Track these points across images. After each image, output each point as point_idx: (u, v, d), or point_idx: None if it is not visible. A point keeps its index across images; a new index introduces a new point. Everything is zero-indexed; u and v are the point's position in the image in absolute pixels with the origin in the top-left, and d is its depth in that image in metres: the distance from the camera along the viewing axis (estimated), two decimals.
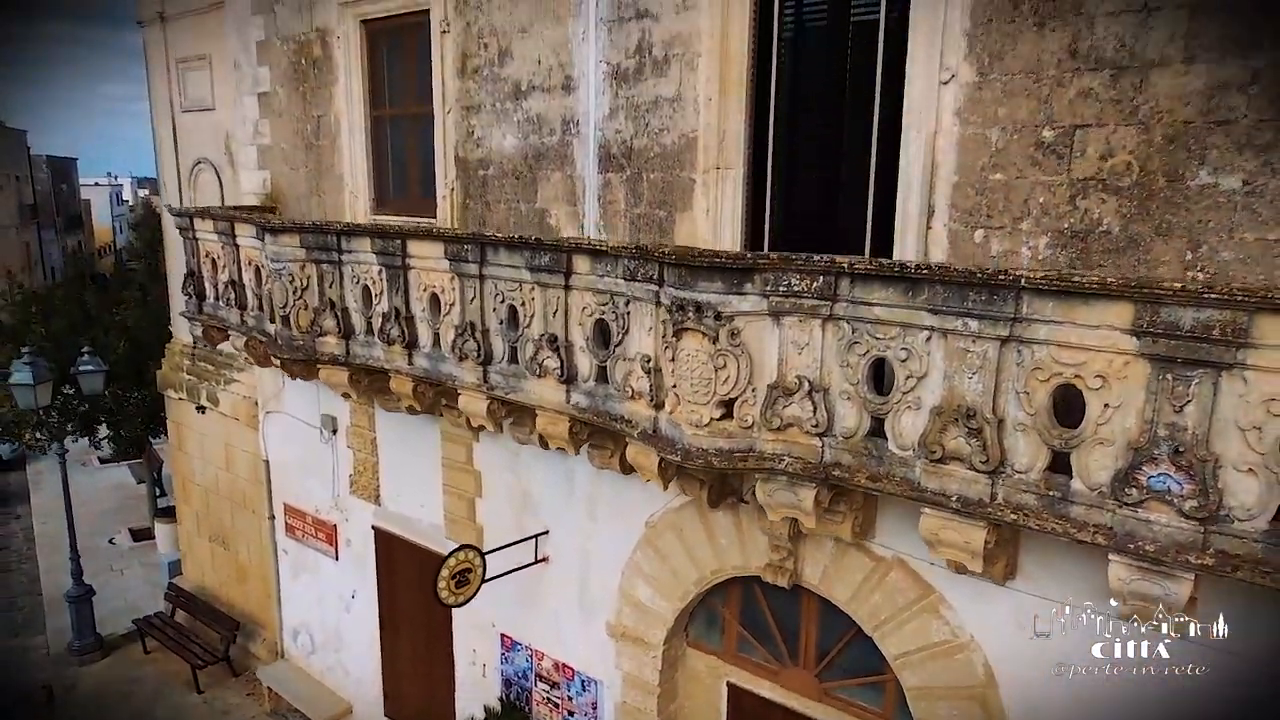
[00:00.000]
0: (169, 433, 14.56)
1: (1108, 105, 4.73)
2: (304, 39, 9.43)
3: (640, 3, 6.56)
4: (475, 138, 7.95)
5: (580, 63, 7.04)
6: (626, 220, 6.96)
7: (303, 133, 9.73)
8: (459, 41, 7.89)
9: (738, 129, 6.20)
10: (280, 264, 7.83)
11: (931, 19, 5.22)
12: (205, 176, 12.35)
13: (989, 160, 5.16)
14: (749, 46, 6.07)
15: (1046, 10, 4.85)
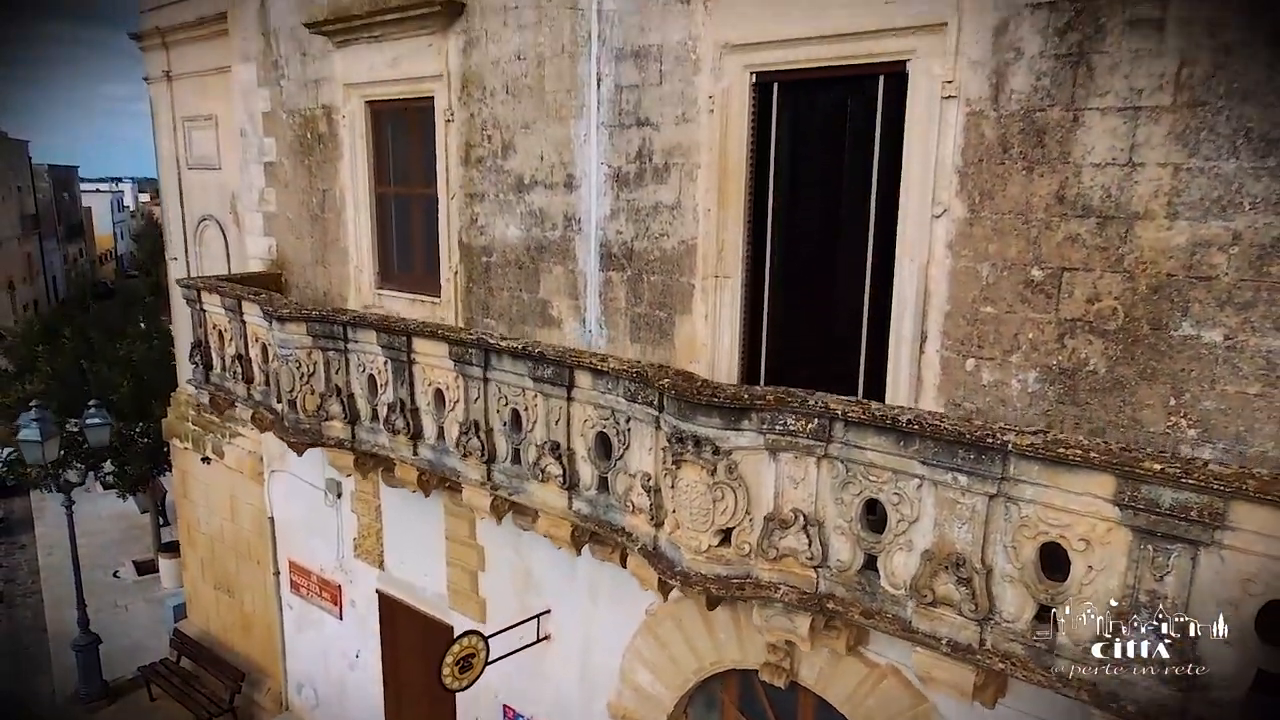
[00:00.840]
0: (174, 479, 14.72)
1: (1094, 251, 4.88)
2: (309, 114, 9.58)
3: (641, 111, 6.71)
4: (479, 225, 8.10)
5: (582, 163, 7.18)
6: (627, 318, 7.10)
7: (308, 204, 9.88)
8: (463, 131, 8.03)
9: (736, 240, 6.34)
10: (287, 350, 7.98)
11: (924, 152, 5.37)
12: (211, 232, 12.50)
13: (980, 293, 5.30)
14: (747, 161, 6.21)
15: (1035, 156, 4.99)
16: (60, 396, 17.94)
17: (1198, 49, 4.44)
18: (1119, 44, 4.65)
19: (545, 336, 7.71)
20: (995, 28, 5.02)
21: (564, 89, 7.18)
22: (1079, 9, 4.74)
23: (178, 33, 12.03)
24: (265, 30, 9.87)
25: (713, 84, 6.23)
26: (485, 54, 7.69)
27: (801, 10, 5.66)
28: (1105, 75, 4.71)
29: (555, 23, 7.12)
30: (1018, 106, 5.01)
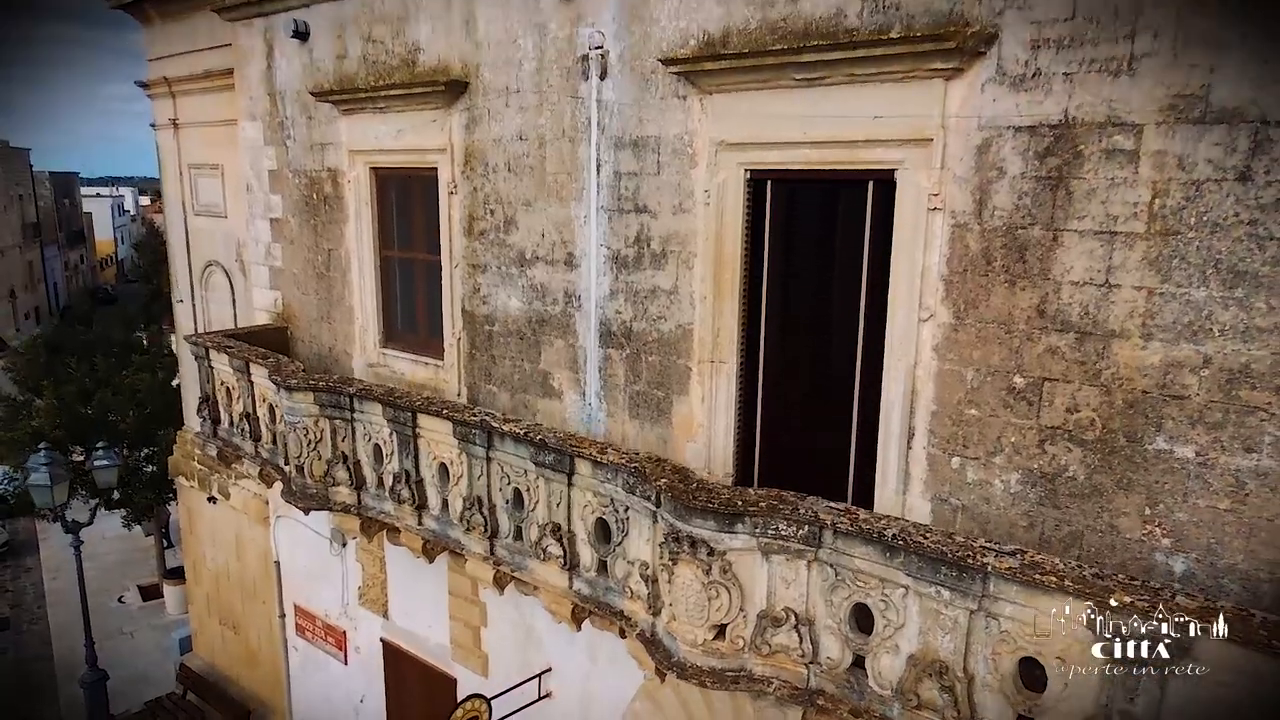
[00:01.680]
0: (180, 515, 14.93)
1: (1073, 364, 5.09)
2: (315, 175, 9.79)
3: (640, 199, 6.92)
4: (482, 294, 8.31)
5: (582, 243, 7.39)
6: (626, 395, 7.31)
7: (314, 262, 10.09)
8: (466, 204, 8.25)
9: (732, 327, 6.55)
10: (295, 417, 8.19)
11: (911, 258, 5.58)
12: (217, 278, 12.71)
13: (965, 396, 5.52)
14: (742, 252, 6.42)
15: (1017, 270, 5.21)
16: (67, 425, 18.15)
17: (1169, 182, 4.65)
18: (1096, 171, 4.86)
19: (546, 407, 7.93)
20: (979, 146, 5.23)
21: (565, 171, 7.39)
22: (1058, 135, 4.95)
23: (184, 83, 12.23)
24: (272, 91, 10.07)
25: (709, 178, 6.44)
26: (488, 131, 7.90)
27: (793, 117, 5.87)
28: (1083, 200, 4.92)
29: (556, 108, 7.33)
30: (1000, 222, 5.22)
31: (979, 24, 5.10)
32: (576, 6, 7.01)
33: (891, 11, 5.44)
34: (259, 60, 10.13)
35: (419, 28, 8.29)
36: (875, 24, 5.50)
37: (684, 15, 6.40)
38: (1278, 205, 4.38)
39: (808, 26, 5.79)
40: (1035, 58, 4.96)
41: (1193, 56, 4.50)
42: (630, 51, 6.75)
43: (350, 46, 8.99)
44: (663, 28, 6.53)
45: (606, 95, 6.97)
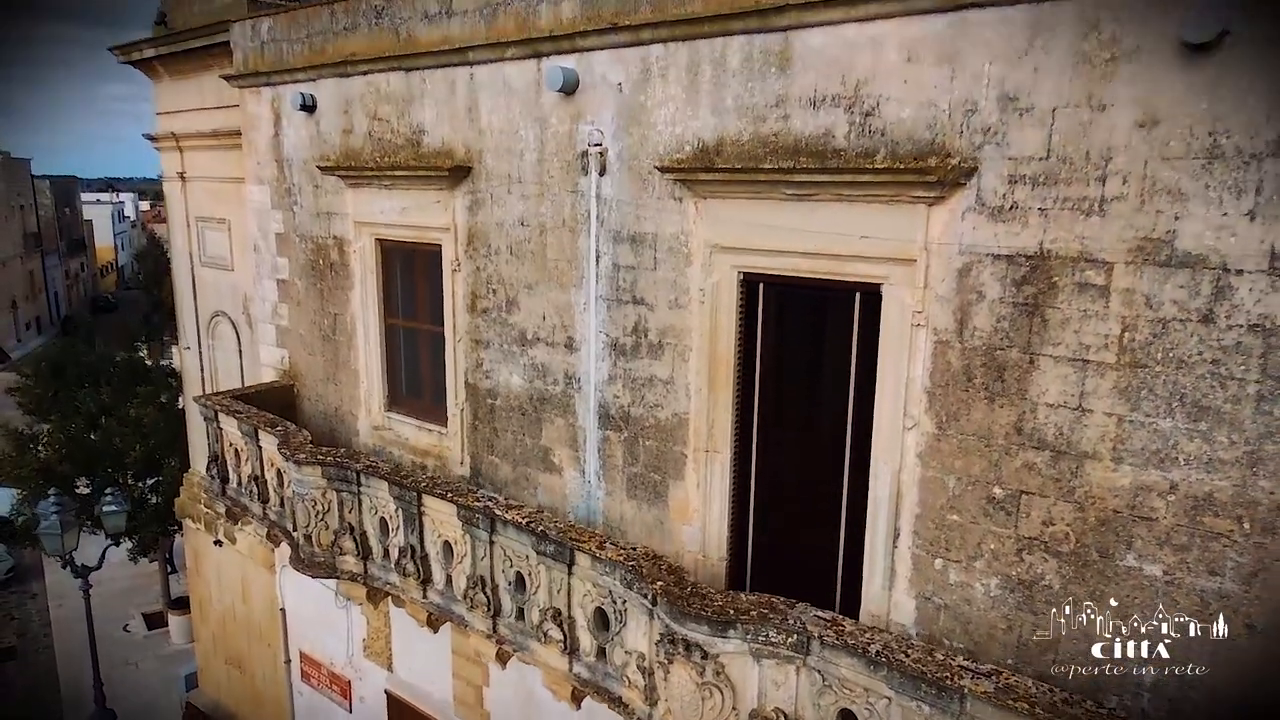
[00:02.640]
0: (186, 554, 15.18)
1: (1049, 481, 5.35)
2: (321, 242, 10.05)
3: (637, 291, 7.18)
4: (484, 369, 8.57)
5: (582, 328, 7.65)
6: (624, 475, 7.57)
7: (320, 325, 10.35)
8: (469, 282, 8.50)
9: (726, 419, 6.81)
10: (304, 489, 8.44)
11: (896, 369, 5.84)
12: (224, 327, 12.97)
13: (947, 502, 5.78)
14: (736, 349, 6.68)
15: (996, 388, 5.47)
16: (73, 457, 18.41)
17: (1138, 318, 4.92)
18: (1069, 303, 5.12)
19: (547, 481, 8.19)
20: (959, 270, 5.50)
21: (565, 259, 7.65)
22: (1034, 266, 5.22)
23: (192, 140, 12.49)
24: (279, 158, 10.33)
25: (703, 278, 6.71)
26: (490, 215, 8.16)
27: (784, 228, 6.13)
28: (1058, 328, 5.19)
29: (556, 198, 7.59)
30: (980, 342, 5.49)
31: (959, 156, 5.36)
32: (576, 104, 7.27)
33: (877, 136, 5.70)
34: (266, 127, 10.38)
35: (423, 111, 8.55)
36: (862, 147, 5.77)
37: (679, 122, 6.66)
38: (1238, 348, 4.64)
39: (797, 143, 6.06)
40: (1012, 191, 5.23)
41: (1159, 204, 4.77)
42: (628, 151, 7.01)
43: (356, 122, 9.25)
44: (659, 132, 6.79)
45: (605, 191, 7.23)
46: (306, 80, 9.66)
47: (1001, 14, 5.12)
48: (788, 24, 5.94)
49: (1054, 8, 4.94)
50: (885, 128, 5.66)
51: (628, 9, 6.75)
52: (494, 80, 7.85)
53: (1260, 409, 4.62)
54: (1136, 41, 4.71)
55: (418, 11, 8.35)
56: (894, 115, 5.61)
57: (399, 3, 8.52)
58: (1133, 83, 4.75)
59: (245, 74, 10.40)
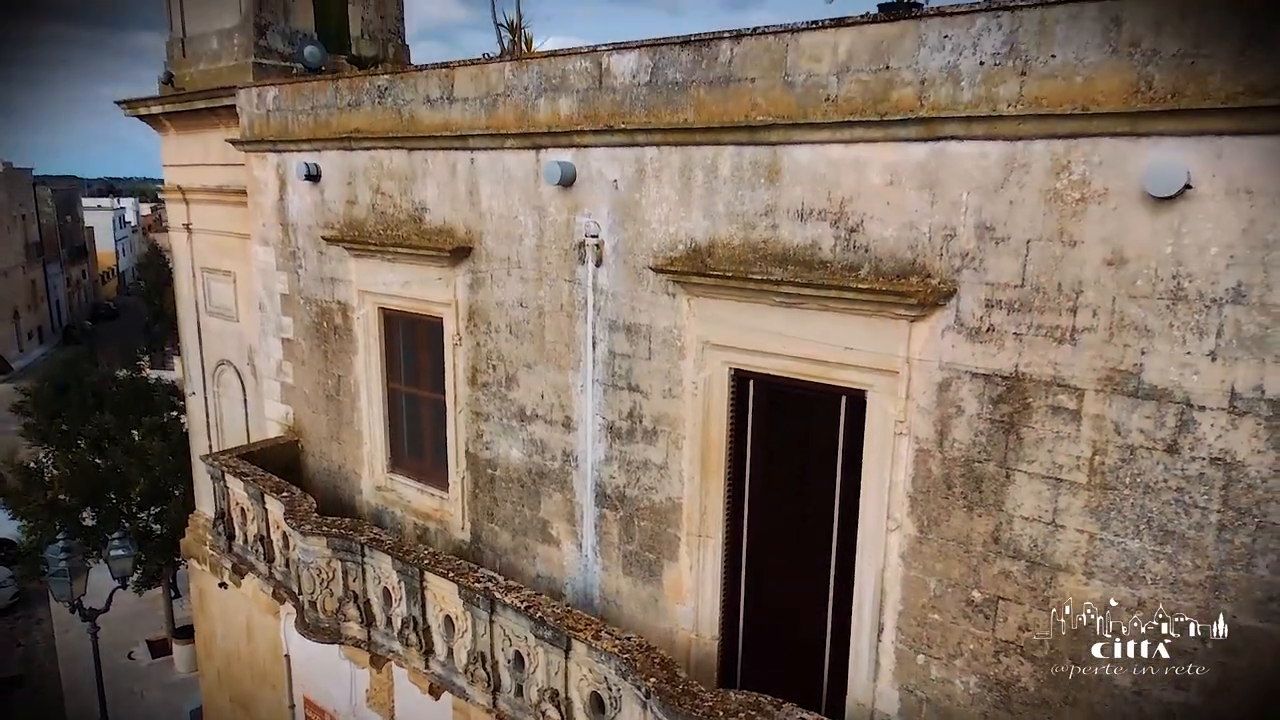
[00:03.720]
0: (191, 593, 15.42)
1: (1024, 589, 5.60)
2: (326, 305, 10.29)
3: (633, 379, 7.42)
4: (484, 440, 8.81)
5: (579, 409, 7.89)
6: (620, 552, 7.81)
7: (324, 385, 10.59)
8: (470, 356, 8.75)
9: (717, 506, 7.06)
10: (309, 558, 8.69)
11: (880, 472, 6.09)
12: (229, 376, 13.20)
13: (928, 601, 6.02)
14: (727, 440, 6.93)
15: (974, 498, 5.71)
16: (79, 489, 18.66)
17: (1108, 443, 5.16)
18: (1043, 424, 5.37)
19: (545, 552, 8.43)
20: (939, 385, 5.74)
21: (562, 342, 7.90)
22: (1010, 386, 5.46)
23: (198, 193, 12.72)
24: (284, 222, 10.57)
25: (695, 372, 6.95)
26: (490, 294, 8.40)
27: (773, 332, 6.38)
28: (1032, 446, 5.43)
29: (554, 284, 7.84)
30: (959, 454, 5.73)
31: (939, 277, 5.61)
32: (574, 196, 7.52)
33: (861, 251, 5.95)
34: (272, 191, 10.62)
35: (425, 189, 8.79)
36: (847, 260, 6.01)
37: (673, 222, 6.90)
38: (1201, 478, 4.88)
39: (786, 252, 6.30)
40: (989, 315, 5.47)
41: (1127, 338, 5.01)
42: (624, 245, 7.25)
43: (360, 194, 9.49)
44: (654, 229, 7.03)
45: (602, 281, 7.47)
46: (311, 150, 9.91)
47: (979, 148, 5.36)
48: (776, 140, 6.18)
49: (1027, 146, 5.19)
50: (869, 244, 5.90)
51: (623, 112, 6.99)
52: (494, 166, 8.09)
53: (1222, 537, 4.86)
54: (1105, 185, 4.96)
55: (420, 95, 8.59)
56: (877, 233, 5.85)
57: (402, 85, 8.76)
58: (1101, 223, 4.99)
59: (250, 140, 10.64)
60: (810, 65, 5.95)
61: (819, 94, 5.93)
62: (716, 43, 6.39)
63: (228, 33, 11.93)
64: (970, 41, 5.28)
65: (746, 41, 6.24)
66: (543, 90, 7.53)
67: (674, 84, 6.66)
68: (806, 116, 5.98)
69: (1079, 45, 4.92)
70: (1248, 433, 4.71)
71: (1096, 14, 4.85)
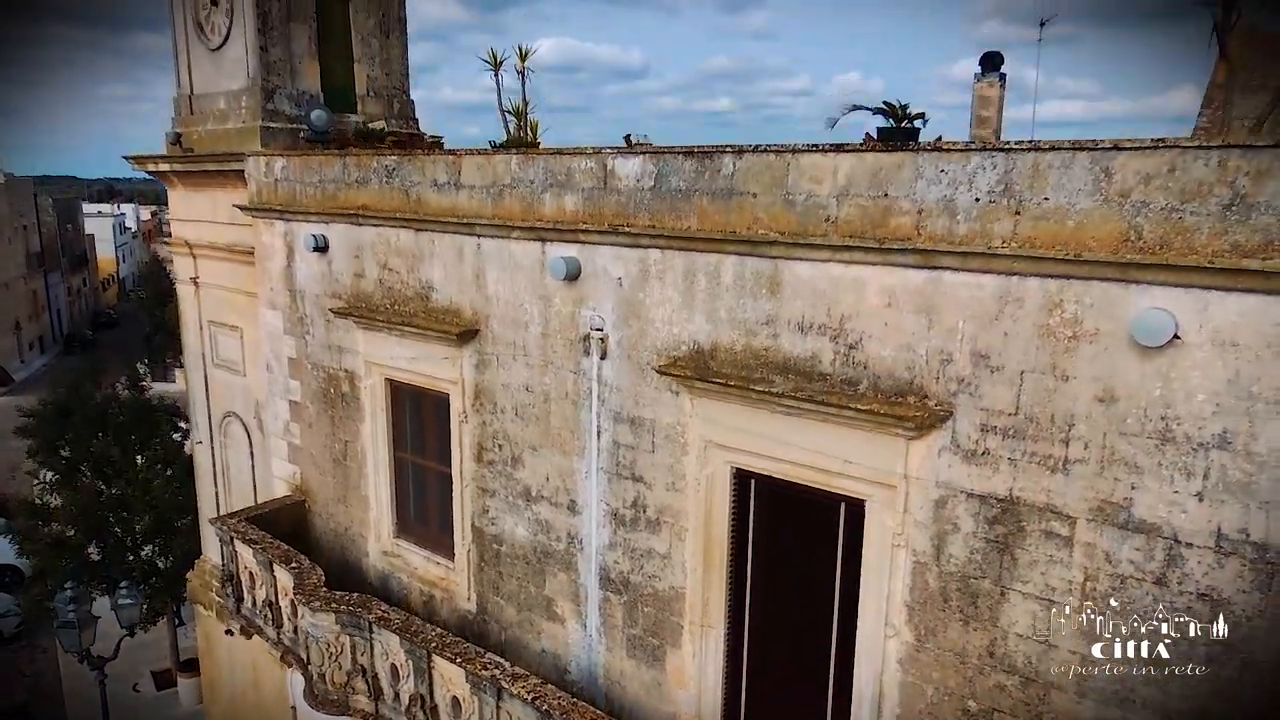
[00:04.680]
0: (198, 637, 15.58)
1: (1019, 704, 5.76)
2: (333, 372, 10.45)
3: (636, 470, 7.58)
4: (490, 515, 8.97)
5: (584, 494, 8.05)
6: (624, 635, 7.97)
7: (331, 449, 10.75)
8: (476, 434, 8.90)
9: (719, 598, 7.22)
10: (318, 632, 8.85)
11: (879, 581, 6.25)
12: (235, 428, 13.36)
13: (926, 708, 6.18)
14: (729, 534, 7.09)
15: (970, 612, 5.87)
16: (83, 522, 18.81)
17: (1099, 570, 5.32)
18: (1036, 546, 5.53)
19: (550, 629, 8.59)
20: (936, 501, 5.90)
21: (567, 429, 8.05)
22: (1004, 508, 5.62)
23: (205, 249, 12.88)
24: (292, 289, 10.73)
25: (698, 468, 7.11)
26: (496, 375, 8.56)
27: (774, 438, 6.53)
28: (1026, 567, 5.59)
29: (559, 372, 7.99)
30: (955, 569, 5.89)
31: (936, 399, 5.77)
32: (579, 290, 7.67)
33: (860, 368, 6.11)
34: (279, 258, 10.78)
35: (432, 269, 8.95)
36: (846, 375, 6.17)
37: (676, 323, 7.06)
38: (1189, 611, 5.04)
39: (786, 361, 6.46)
40: (985, 439, 5.63)
41: (1117, 472, 5.17)
42: (628, 341, 7.41)
43: (367, 268, 9.65)
44: (657, 328, 7.19)
45: (606, 374, 7.63)
46: (319, 221, 10.06)
47: (974, 279, 5.51)
48: (777, 254, 6.34)
49: (1021, 282, 5.35)
50: (868, 361, 6.06)
51: (627, 214, 7.15)
52: (500, 253, 8.25)
53: (1210, 671, 5.02)
54: (1096, 325, 5.12)
55: (427, 178, 8.75)
56: (876, 352, 6.01)
57: (409, 167, 8.93)
58: (1093, 361, 5.15)
59: (259, 207, 10.80)
60: (810, 186, 6.11)
61: (819, 214, 6.09)
62: (719, 155, 6.55)
63: (235, 94, 12.09)
64: (966, 178, 5.44)
65: (748, 157, 6.40)
66: (548, 185, 7.69)
67: (677, 191, 6.82)
68: (807, 235, 6.14)
69: (1071, 191, 5.08)
70: (1233, 572, 4.88)
71: (1088, 163, 5.01)
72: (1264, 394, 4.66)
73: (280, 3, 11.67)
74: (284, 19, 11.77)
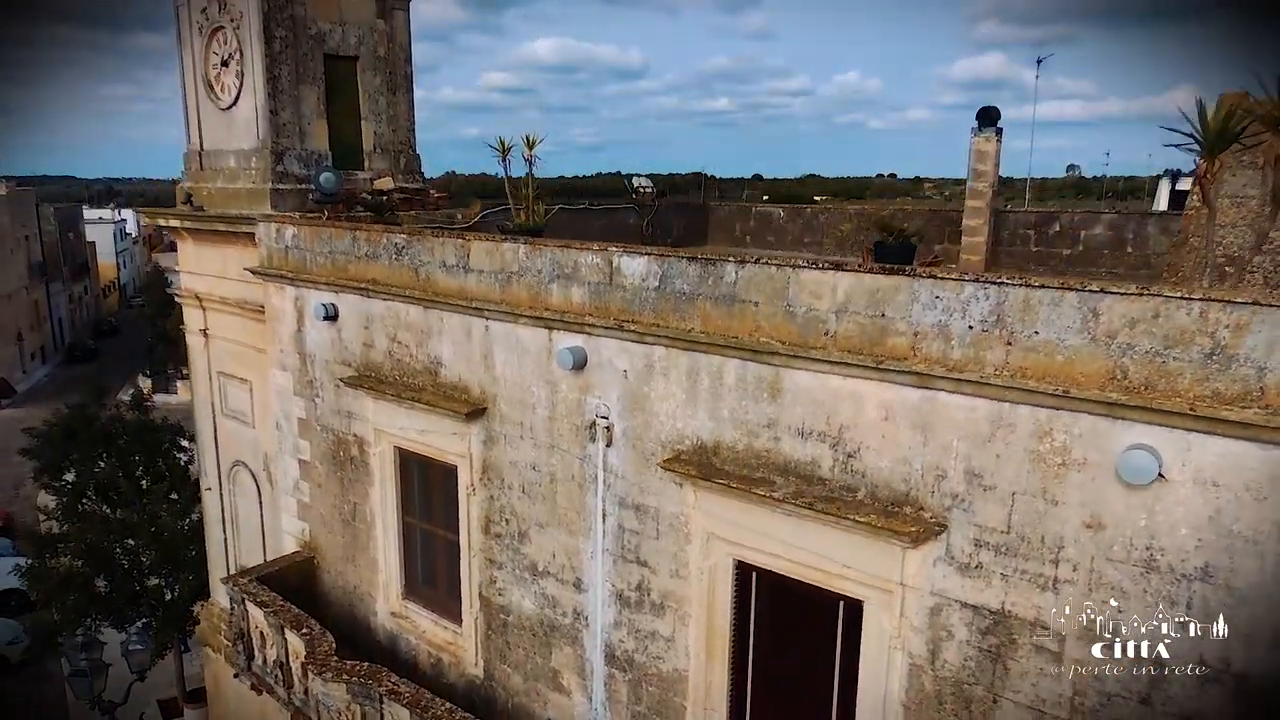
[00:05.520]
0: (206, 680, 15.79)
1: None
2: (342, 436, 10.66)
3: (641, 554, 7.80)
4: (498, 586, 9.19)
5: (590, 573, 8.27)
6: (629, 712, 8.19)
7: (341, 509, 10.96)
8: (484, 507, 9.12)
9: (721, 684, 7.44)
10: (329, 701, 9.06)
11: (876, 678, 6.46)
12: (244, 478, 13.57)
13: None
14: (731, 624, 7.31)
15: (964, 716, 6.09)
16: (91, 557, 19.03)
17: (1087, 688, 5.54)
18: (1028, 659, 5.74)
19: (556, 700, 8.81)
20: (931, 609, 6.12)
21: (574, 509, 8.27)
22: (996, 620, 5.83)
23: (215, 303, 13.09)
24: (301, 352, 10.94)
25: (701, 558, 7.32)
26: (504, 453, 8.77)
27: (775, 537, 6.75)
28: (1018, 678, 5.81)
29: (566, 455, 8.21)
30: (950, 674, 6.11)
31: (931, 512, 5.99)
32: (585, 378, 7.89)
33: (858, 476, 6.33)
34: (290, 322, 11.00)
35: (441, 345, 9.17)
36: (844, 481, 6.39)
37: (680, 419, 7.28)
38: None
39: (787, 464, 6.68)
40: (978, 553, 5.85)
41: (1104, 595, 5.39)
42: (633, 431, 7.63)
43: (377, 339, 9.87)
44: (661, 421, 7.40)
45: (611, 460, 7.84)
46: (329, 289, 10.27)
47: (968, 401, 5.73)
48: (778, 361, 6.56)
49: (1013, 408, 5.56)
50: (866, 470, 6.28)
51: (632, 311, 7.37)
52: (508, 336, 8.46)
53: None
54: (1084, 455, 5.34)
55: (436, 259, 8.97)
56: (873, 462, 6.23)
57: (419, 246, 9.14)
58: (1081, 489, 5.37)
59: (269, 271, 11.01)
60: (810, 300, 6.33)
61: (819, 327, 6.31)
62: (722, 264, 6.78)
63: (245, 154, 12.30)
64: (960, 305, 5.66)
65: (750, 268, 6.62)
66: (555, 277, 7.91)
67: (681, 293, 7.04)
68: (807, 346, 6.36)
69: (1060, 327, 5.31)
70: (1215, 697, 5.09)
71: (1076, 302, 5.23)
72: (1243, 532, 4.88)
73: (289, 67, 11.88)
74: (293, 82, 11.98)
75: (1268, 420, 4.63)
